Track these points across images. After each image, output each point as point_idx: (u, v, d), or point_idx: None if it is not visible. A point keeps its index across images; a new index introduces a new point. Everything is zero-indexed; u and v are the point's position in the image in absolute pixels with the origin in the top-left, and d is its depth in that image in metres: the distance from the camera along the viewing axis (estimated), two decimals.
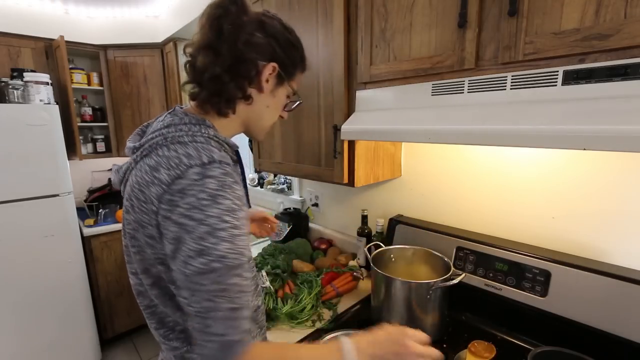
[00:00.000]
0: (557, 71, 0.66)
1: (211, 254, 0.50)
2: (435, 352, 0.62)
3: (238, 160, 0.68)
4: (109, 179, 2.71)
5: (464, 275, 0.96)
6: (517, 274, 0.99)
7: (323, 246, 1.65)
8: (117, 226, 2.46)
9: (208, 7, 0.61)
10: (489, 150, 1.12)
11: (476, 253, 1.08)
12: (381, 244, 1.17)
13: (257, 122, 0.71)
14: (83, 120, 2.62)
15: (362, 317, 1.13)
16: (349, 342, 0.58)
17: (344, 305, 1.21)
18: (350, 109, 1.11)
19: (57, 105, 2.07)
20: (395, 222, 1.32)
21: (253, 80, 0.65)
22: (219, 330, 0.49)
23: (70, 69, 2.40)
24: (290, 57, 0.68)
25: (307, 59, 0.73)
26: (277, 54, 0.65)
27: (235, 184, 0.55)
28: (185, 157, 0.54)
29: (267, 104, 0.69)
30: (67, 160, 2.10)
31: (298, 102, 0.77)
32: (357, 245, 1.48)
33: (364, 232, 1.45)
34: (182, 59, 2.85)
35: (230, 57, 0.60)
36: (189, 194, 0.51)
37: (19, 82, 2.04)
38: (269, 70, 0.65)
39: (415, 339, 0.62)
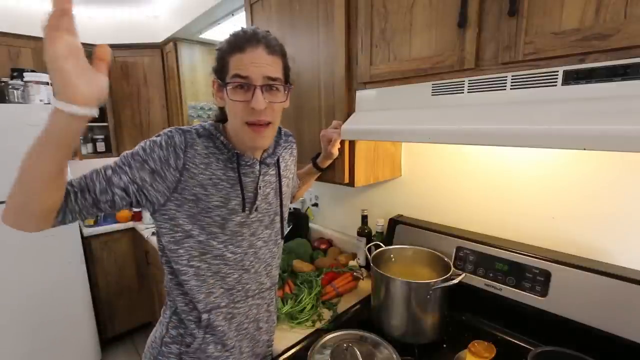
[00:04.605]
0: (557, 71, 0.66)
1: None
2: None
3: (234, 160, 0.78)
4: None
5: (464, 275, 0.96)
6: (517, 274, 0.99)
7: (323, 246, 1.65)
8: (117, 226, 2.46)
9: None
10: (489, 150, 1.12)
11: (476, 253, 1.08)
12: (381, 244, 1.17)
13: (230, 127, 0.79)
14: None
15: (362, 317, 1.13)
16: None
17: (344, 305, 1.21)
18: (350, 109, 1.11)
19: None
20: (395, 222, 1.32)
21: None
22: None
23: None
24: (217, 62, 0.74)
25: (241, 32, 0.71)
26: (213, 69, 0.76)
27: (160, 145, 0.71)
28: None
29: (228, 110, 0.76)
30: None
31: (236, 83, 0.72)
32: (357, 245, 1.48)
33: (364, 232, 1.45)
34: (182, 59, 2.82)
35: None
36: None
37: (19, 82, 2.04)
38: (214, 85, 0.77)
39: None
